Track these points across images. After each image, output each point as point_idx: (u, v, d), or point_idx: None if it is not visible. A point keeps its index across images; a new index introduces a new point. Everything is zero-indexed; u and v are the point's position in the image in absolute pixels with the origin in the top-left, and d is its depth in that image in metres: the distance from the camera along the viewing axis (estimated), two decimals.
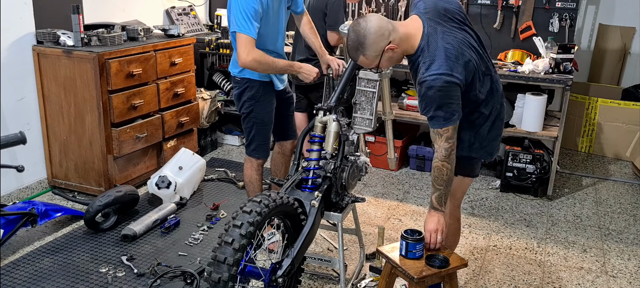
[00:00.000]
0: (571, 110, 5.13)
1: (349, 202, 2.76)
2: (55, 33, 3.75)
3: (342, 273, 2.73)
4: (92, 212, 3.37)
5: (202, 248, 3.28)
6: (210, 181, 4.29)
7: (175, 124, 4.28)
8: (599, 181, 4.61)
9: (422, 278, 2.21)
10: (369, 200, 4.06)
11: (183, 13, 5.12)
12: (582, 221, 3.87)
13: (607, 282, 3.12)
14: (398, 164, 4.55)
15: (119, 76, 3.74)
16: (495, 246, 3.48)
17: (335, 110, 2.76)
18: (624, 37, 5.23)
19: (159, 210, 3.60)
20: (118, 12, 4.43)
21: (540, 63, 4.15)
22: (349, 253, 3.31)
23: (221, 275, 2.01)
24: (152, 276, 2.96)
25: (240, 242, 2.04)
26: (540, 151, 4.21)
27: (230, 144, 5.23)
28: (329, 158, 2.68)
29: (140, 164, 4.13)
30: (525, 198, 4.21)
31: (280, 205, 2.27)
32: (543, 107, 4.17)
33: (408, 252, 2.29)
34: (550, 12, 4.53)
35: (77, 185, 3.95)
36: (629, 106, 5.02)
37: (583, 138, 5.29)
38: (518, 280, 3.11)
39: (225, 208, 3.83)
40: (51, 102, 3.83)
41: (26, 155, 3.78)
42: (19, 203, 3.30)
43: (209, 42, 4.96)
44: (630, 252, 3.46)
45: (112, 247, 3.28)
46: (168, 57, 4.15)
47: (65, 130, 3.85)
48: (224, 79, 5.28)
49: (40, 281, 2.92)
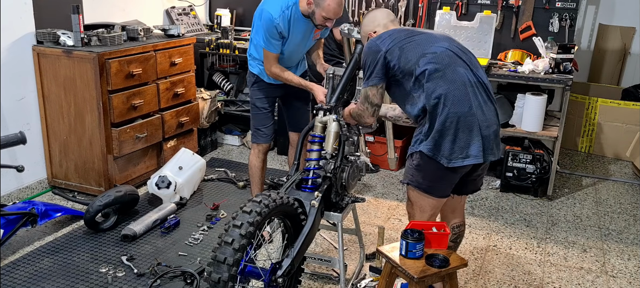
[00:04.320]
0: (571, 110, 5.13)
1: (349, 202, 2.76)
2: (55, 33, 3.75)
3: (342, 273, 2.73)
4: (92, 212, 3.37)
5: (202, 248, 3.28)
6: (210, 181, 4.29)
7: (175, 124, 4.28)
8: (599, 181, 4.61)
9: (422, 278, 2.21)
10: (369, 200, 4.06)
11: (183, 13, 5.12)
12: (582, 221, 3.87)
13: (607, 282, 3.12)
14: (398, 164, 4.55)
15: (119, 76, 3.74)
16: (495, 246, 3.48)
17: (335, 110, 2.76)
18: (624, 37, 5.23)
19: (159, 210, 3.60)
20: (118, 12, 4.43)
21: (540, 63, 4.15)
22: (349, 253, 3.31)
23: (221, 275, 2.01)
24: (152, 276, 2.96)
25: (240, 242, 2.04)
26: (540, 151, 4.21)
27: (230, 144, 5.23)
28: (329, 158, 2.68)
29: (140, 164, 4.13)
30: (525, 198, 4.21)
31: (280, 205, 2.27)
32: (543, 107, 4.17)
33: (408, 251, 2.29)
34: (550, 12, 4.53)
35: (77, 185, 3.95)
36: (629, 106, 5.02)
37: (583, 138, 5.29)
38: (518, 280, 3.11)
39: (225, 208, 3.83)
40: (51, 102, 3.83)
41: (26, 155, 3.78)
42: (19, 203, 3.30)
43: (209, 42, 4.95)
44: (630, 252, 3.46)
45: (112, 247, 3.28)
46: (168, 57, 4.15)
47: (65, 130, 3.85)
48: (223, 79, 5.28)
49: (40, 281, 2.92)
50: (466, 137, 2.33)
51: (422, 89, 2.36)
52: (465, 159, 2.34)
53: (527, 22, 4.57)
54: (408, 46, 2.41)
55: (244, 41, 5.10)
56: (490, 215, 3.91)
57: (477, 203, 4.10)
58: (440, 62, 2.36)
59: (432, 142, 2.34)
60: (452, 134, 2.32)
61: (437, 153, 2.35)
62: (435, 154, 2.35)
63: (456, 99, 2.32)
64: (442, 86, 2.33)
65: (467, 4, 4.70)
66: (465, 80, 2.35)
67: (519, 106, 4.26)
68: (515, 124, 4.29)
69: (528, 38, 4.56)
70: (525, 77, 4.11)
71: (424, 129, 2.38)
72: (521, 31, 4.61)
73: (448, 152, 2.33)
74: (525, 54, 4.46)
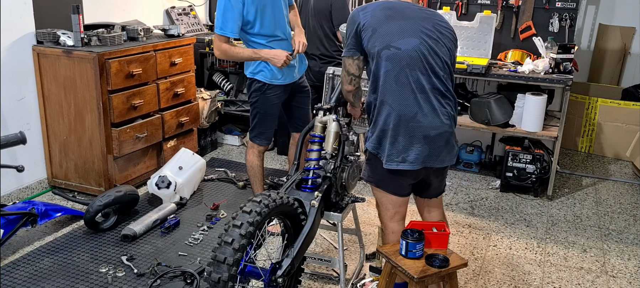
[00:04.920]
0: (571, 110, 5.13)
1: (349, 202, 2.76)
2: (55, 33, 3.75)
3: (342, 273, 2.73)
4: (92, 212, 3.37)
5: (202, 248, 3.28)
6: (210, 181, 4.29)
7: (175, 124, 4.28)
8: (599, 181, 4.61)
9: (422, 278, 2.21)
10: (369, 200, 4.06)
11: (183, 13, 5.12)
12: (582, 221, 3.87)
13: (607, 282, 3.12)
14: None
15: (119, 76, 3.74)
16: (495, 246, 3.48)
17: (335, 110, 2.77)
18: (624, 37, 5.23)
19: (159, 210, 3.60)
20: (118, 12, 4.43)
21: (540, 63, 4.15)
22: (349, 253, 3.31)
23: (221, 275, 2.01)
24: (152, 276, 2.96)
25: (240, 242, 2.05)
26: (540, 151, 4.21)
27: (230, 143, 5.23)
28: (328, 158, 2.68)
29: (140, 164, 4.13)
30: (525, 198, 4.21)
31: (280, 205, 2.27)
32: (543, 107, 4.17)
33: (408, 251, 2.29)
34: (550, 12, 4.53)
35: (77, 185, 3.95)
36: (629, 106, 5.02)
37: (583, 138, 5.29)
38: (518, 280, 3.11)
39: (225, 208, 3.83)
40: (51, 102, 3.83)
41: (26, 155, 3.78)
42: (19, 203, 3.30)
43: (209, 42, 4.95)
44: (630, 252, 3.46)
45: (112, 247, 3.28)
46: (168, 57, 4.15)
47: (65, 130, 3.85)
48: (223, 79, 5.28)
49: (40, 281, 2.92)
50: (406, 142, 2.32)
51: (376, 78, 2.37)
52: (400, 163, 2.33)
53: (527, 22, 4.57)
54: (380, 29, 2.36)
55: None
56: (490, 215, 3.91)
57: (477, 204, 4.10)
58: (397, 63, 2.32)
59: (376, 140, 2.39)
60: (391, 136, 2.33)
61: (380, 151, 2.39)
62: (378, 152, 2.40)
63: (402, 102, 2.31)
64: (391, 87, 2.32)
65: (467, 4, 4.71)
66: (417, 86, 2.31)
67: (519, 106, 4.26)
68: (515, 124, 4.29)
69: (528, 38, 4.56)
70: (525, 77, 4.11)
71: (372, 124, 2.43)
72: (521, 31, 4.61)
73: (387, 153, 2.35)
74: (525, 54, 4.46)
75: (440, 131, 2.34)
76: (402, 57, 2.31)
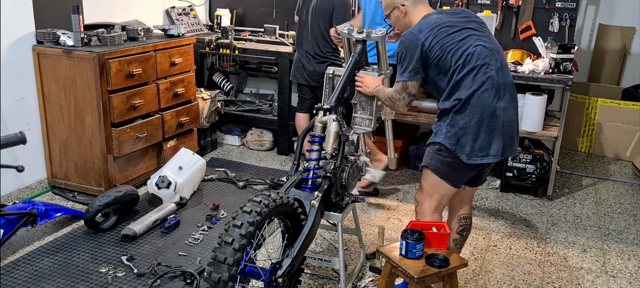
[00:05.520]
0: (571, 110, 5.13)
1: (349, 202, 2.76)
2: (55, 33, 3.75)
3: (342, 273, 2.73)
4: (92, 212, 3.37)
5: (202, 248, 3.28)
6: (210, 181, 4.29)
7: (175, 124, 4.28)
8: (599, 181, 4.61)
9: (422, 278, 2.21)
10: (369, 200, 4.06)
11: (183, 13, 5.12)
12: (582, 221, 3.87)
13: (607, 282, 3.12)
14: (398, 164, 4.55)
15: (119, 76, 3.74)
16: (495, 246, 3.48)
17: (335, 110, 2.76)
18: (624, 37, 5.23)
19: (159, 210, 3.60)
20: (118, 12, 4.43)
21: (540, 63, 4.15)
22: (349, 253, 3.31)
23: (221, 275, 2.01)
24: (152, 276, 2.96)
25: (240, 242, 2.04)
26: (540, 151, 4.21)
27: (230, 144, 5.23)
28: (329, 158, 2.68)
29: (140, 164, 4.13)
30: (525, 198, 4.21)
31: (280, 205, 2.27)
32: (543, 107, 4.17)
33: (408, 251, 2.29)
34: (550, 12, 4.53)
35: (77, 185, 3.95)
36: (629, 106, 5.02)
37: (583, 138, 5.29)
38: (518, 280, 3.11)
39: (225, 208, 3.83)
40: (51, 102, 3.83)
41: (26, 155, 3.78)
42: (19, 203, 3.30)
43: (209, 42, 4.95)
44: (630, 252, 3.46)
45: (112, 247, 3.28)
46: (168, 57, 4.15)
47: (65, 130, 3.85)
48: (224, 78, 5.28)
49: (40, 281, 2.92)
50: (488, 137, 2.41)
51: (452, 87, 2.43)
52: (484, 157, 2.43)
53: (527, 22, 4.57)
54: (448, 46, 2.43)
55: (244, 41, 5.10)
56: (490, 215, 3.91)
57: (477, 204, 4.09)
58: (474, 63, 2.40)
59: (455, 137, 2.43)
60: (474, 133, 2.40)
61: (457, 148, 2.43)
62: (456, 149, 2.43)
63: (483, 101, 2.39)
64: (471, 87, 2.39)
65: (467, 4, 4.71)
66: (493, 83, 2.40)
67: (519, 106, 4.24)
68: None
69: (528, 38, 4.56)
70: (525, 77, 4.11)
71: (447, 123, 2.46)
72: (521, 31, 4.61)
73: (469, 150, 2.42)
74: (525, 54, 4.46)
75: (513, 122, 2.49)
76: (476, 58, 2.41)
